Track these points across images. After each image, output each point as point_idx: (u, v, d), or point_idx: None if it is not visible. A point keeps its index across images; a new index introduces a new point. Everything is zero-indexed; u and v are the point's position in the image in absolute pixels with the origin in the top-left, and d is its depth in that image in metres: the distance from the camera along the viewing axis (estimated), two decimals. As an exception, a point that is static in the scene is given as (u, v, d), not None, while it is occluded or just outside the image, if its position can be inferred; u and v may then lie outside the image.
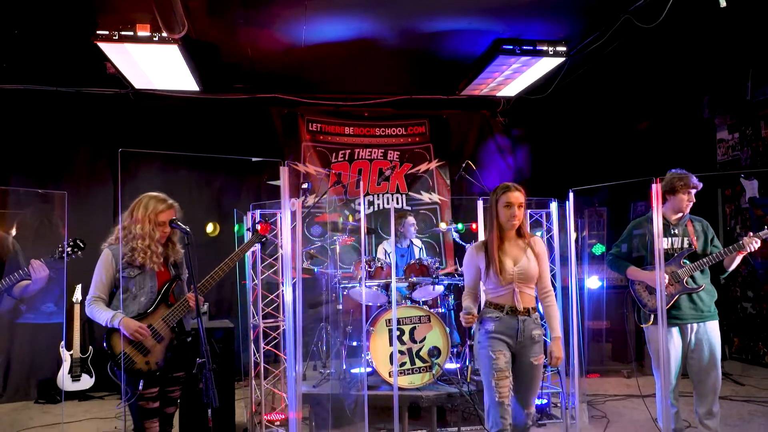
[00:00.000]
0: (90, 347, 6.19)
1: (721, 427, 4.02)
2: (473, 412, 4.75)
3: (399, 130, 7.57)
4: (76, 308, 6.12)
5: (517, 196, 3.14)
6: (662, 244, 3.57)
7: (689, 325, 3.97)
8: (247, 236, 5.03)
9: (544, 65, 5.76)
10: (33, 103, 6.40)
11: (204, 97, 6.76)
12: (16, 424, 5.19)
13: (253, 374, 4.89)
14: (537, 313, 3.20)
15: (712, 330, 3.97)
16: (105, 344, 3.03)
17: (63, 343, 5.97)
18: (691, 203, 4.01)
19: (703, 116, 7.62)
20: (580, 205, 6.93)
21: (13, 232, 5.82)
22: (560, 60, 5.60)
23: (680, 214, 4.05)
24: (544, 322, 3.34)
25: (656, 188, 3.46)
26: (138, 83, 6.14)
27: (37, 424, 5.20)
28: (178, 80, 5.98)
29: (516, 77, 6.16)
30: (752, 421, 4.84)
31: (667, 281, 3.87)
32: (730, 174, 7.17)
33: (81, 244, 3.44)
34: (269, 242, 3.56)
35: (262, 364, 4.78)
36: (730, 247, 3.88)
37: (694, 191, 3.99)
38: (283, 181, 2.98)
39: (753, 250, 3.82)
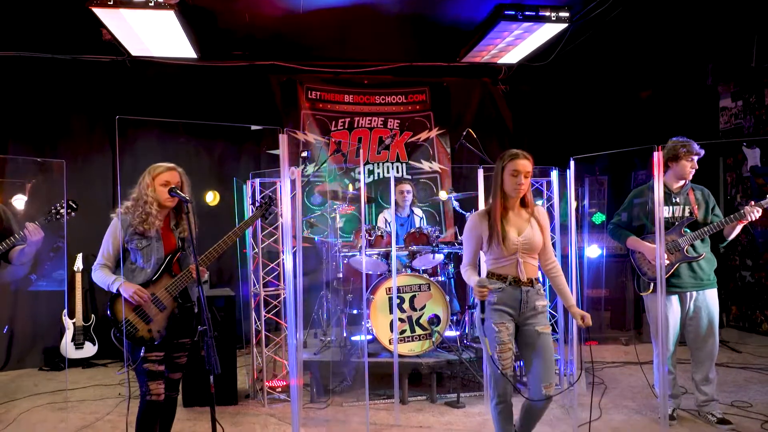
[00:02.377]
0: (92, 315, 6.24)
1: (717, 393, 4.08)
2: (472, 378, 4.81)
3: (399, 98, 7.50)
4: (78, 277, 6.16)
5: (525, 164, 3.01)
6: (663, 212, 3.56)
7: (688, 293, 4.00)
8: (248, 208, 5.04)
9: (547, 31, 5.68)
10: (29, 71, 6.32)
11: (201, 64, 6.68)
12: (21, 391, 5.26)
13: (254, 342, 4.94)
14: (540, 284, 3.11)
15: (710, 298, 4.00)
16: (108, 311, 3.05)
17: (65, 311, 6.02)
18: (694, 170, 4.00)
19: (707, 83, 7.54)
20: (581, 173, 6.92)
21: (14, 200, 5.83)
22: (563, 26, 5.51)
23: (682, 182, 4.04)
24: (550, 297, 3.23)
25: (658, 156, 3.44)
26: (134, 50, 6.05)
27: (42, 390, 5.27)
28: (175, 47, 5.90)
29: (518, 44, 6.08)
30: (748, 387, 4.90)
31: (666, 250, 3.88)
32: (732, 142, 7.13)
33: (74, 205, 3.43)
34: (270, 211, 3.56)
35: (263, 331, 4.82)
36: (731, 216, 3.87)
37: (696, 158, 3.97)
38: (283, 150, 2.96)
39: (754, 219, 3.82)
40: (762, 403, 4.45)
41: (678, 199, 4.03)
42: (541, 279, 3.25)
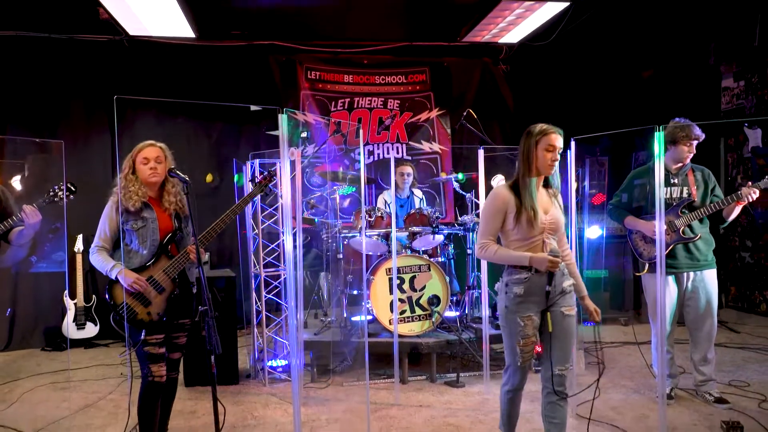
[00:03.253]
0: (93, 296, 6.26)
1: (715, 373, 4.10)
2: (472, 358, 4.84)
3: (399, 78, 7.45)
4: (78, 258, 6.17)
5: (559, 139, 2.86)
6: (663, 194, 3.56)
7: (685, 274, 4.01)
8: (248, 186, 5.03)
9: (548, 10, 5.63)
10: (25, 51, 6.27)
11: (200, 44, 6.63)
12: (24, 371, 5.29)
13: (255, 322, 4.96)
14: (563, 263, 2.92)
15: (708, 278, 4.01)
16: (107, 295, 3.06)
17: (66, 292, 6.04)
18: (692, 154, 3.99)
19: (709, 63, 7.48)
20: (581, 154, 6.88)
21: (13, 181, 5.82)
22: (564, 5, 5.46)
23: (681, 164, 4.03)
24: None
25: (659, 137, 3.42)
26: (132, 29, 6.00)
27: (45, 370, 5.30)
28: (173, 26, 5.85)
29: (519, 23, 6.02)
30: (746, 367, 4.94)
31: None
32: (733, 122, 7.10)
33: (73, 187, 3.43)
34: (269, 192, 3.55)
35: (263, 312, 4.84)
36: (729, 197, 3.87)
37: (695, 142, 3.95)
38: (282, 130, 2.94)
39: (752, 200, 3.82)
40: (759, 382, 4.49)
41: (677, 180, 4.03)
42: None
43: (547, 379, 2.88)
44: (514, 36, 6.49)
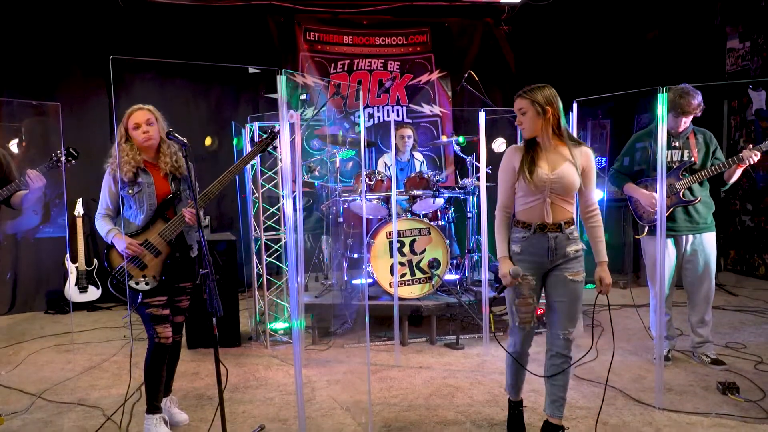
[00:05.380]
0: (95, 260, 6.29)
1: (712, 335, 4.14)
2: (471, 321, 4.89)
3: (399, 39, 7.34)
4: (78, 222, 6.18)
5: (516, 103, 2.85)
6: (665, 157, 3.53)
7: (684, 237, 4.01)
8: (247, 149, 5.00)
9: (552, -31, 5.50)
10: (20, 13, 6.15)
11: (197, 4, 6.51)
12: (28, 333, 5.35)
13: (256, 285, 4.99)
14: (573, 227, 2.85)
15: (707, 241, 4.01)
16: (105, 260, 3.07)
17: (68, 256, 6.07)
18: (681, 125, 3.93)
19: (715, 24, 7.36)
20: (583, 117, 6.83)
21: (11, 144, 5.78)
22: (569, -37, 5.34)
23: (683, 127, 3.99)
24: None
25: (662, 98, 3.37)
26: (127, -11, 5.88)
27: (49, 333, 5.36)
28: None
29: (522, -18, 5.90)
30: (742, 329, 4.98)
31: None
32: (737, 84, 7.01)
33: (75, 153, 3.44)
34: (269, 156, 3.52)
35: (264, 275, 4.87)
36: (730, 159, 3.84)
37: (684, 117, 3.89)
38: (281, 91, 2.90)
39: (752, 163, 3.79)
40: (756, 344, 4.53)
41: (678, 143, 3.99)
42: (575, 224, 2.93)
43: (552, 342, 2.89)
44: (516, -5, 6.37)
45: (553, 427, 2.95)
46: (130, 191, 3.05)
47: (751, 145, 3.79)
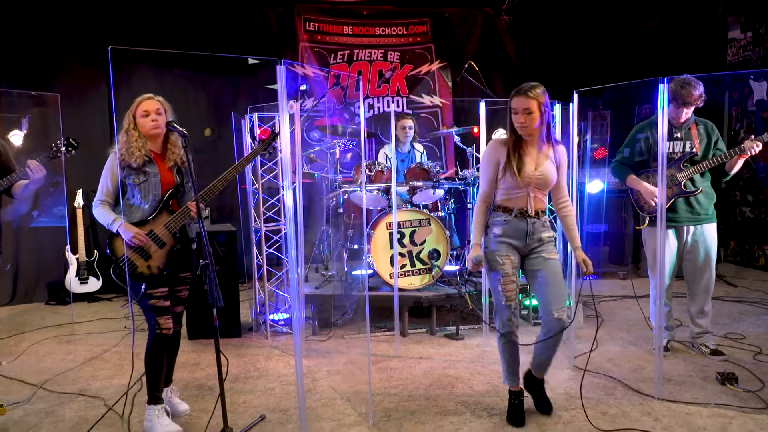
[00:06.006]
0: (95, 251, 6.29)
1: (711, 326, 4.15)
2: (471, 312, 4.89)
3: (399, 30, 7.31)
4: (79, 213, 6.18)
5: (520, 102, 2.91)
6: (666, 147, 3.52)
7: (685, 227, 4.01)
8: (247, 140, 4.99)
9: (553, -42, 5.47)
10: (15, 1, 6.11)
11: (196, -6, 6.48)
12: (29, 324, 5.36)
13: (256, 276, 5.00)
14: (546, 216, 3.12)
15: (708, 232, 4.01)
16: (108, 249, 3.07)
17: (68, 247, 6.07)
18: (683, 116, 3.91)
19: (717, 14, 7.32)
20: (584, 107, 6.81)
21: (10, 135, 5.77)
22: (570, -48, 5.31)
23: (684, 117, 3.97)
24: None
25: (663, 89, 3.36)
26: (126, -21, 5.85)
27: (49, 324, 5.37)
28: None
29: (522, -28, 5.87)
30: (742, 320, 4.99)
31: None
32: (738, 75, 6.99)
33: (74, 143, 3.44)
34: (272, 153, 3.52)
35: (265, 266, 4.87)
36: (731, 150, 3.83)
37: (685, 108, 3.87)
38: (281, 82, 2.89)
39: (754, 153, 3.78)
40: (755, 335, 4.54)
41: (680, 134, 3.98)
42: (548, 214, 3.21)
43: (545, 323, 3.05)
44: (517, -15, 6.33)
45: (534, 379, 3.27)
46: (135, 179, 3.04)
47: (752, 136, 3.78)
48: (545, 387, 3.32)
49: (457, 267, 5.13)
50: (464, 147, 5.46)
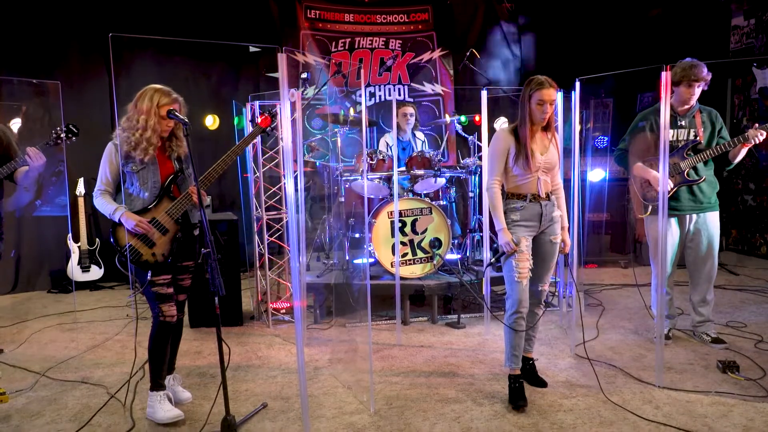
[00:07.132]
0: (97, 239, 6.30)
1: (713, 314, 4.15)
2: (472, 300, 4.90)
3: (401, 17, 7.27)
4: (80, 201, 6.17)
5: (550, 94, 3.13)
6: (668, 135, 3.51)
7: (688, 216, 4.00)
8: (248, 128, 4.98)
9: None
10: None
11: (196, -19, 6.43)
12: (32, 312, 5.38)
13: (258, 265, 5.00)
14: (553, 196, 3.37)
15: (711, 220, 4.00)
16: (111, 238, 3.07)
17: (70, 235, 6.08)
18: (694, 97, 3.89)
19: (720, 0, 7.27)
20: (586, 95, 6.78)
21: (12, 123, 5.76)
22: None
23: (688, 105, 3.95)
24: None
25: (666, 76, 3.34)
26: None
27: (52, 312, 5.39)
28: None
29: (525, -42, 5.82)
30: (743, 308, 5.00)
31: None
32: (741, 63, 6.95)
33: (75, 130, 3.43)
34: (270, 135, 3.50)
35: (266, 255, 4.87)
36: (735, 138, 3.81)
37: (700, 85, 3.85)
38: (282, 70, 2.87)
39: (758, 142, 3.76)
40: (756, 323, 4.55)
41: (684, 122, 3.96)
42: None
43: (531, 293, 3.33)
44: (519, -28, 6.28)
45: (525, 359, 3.49)
46: (134, 167, 3.04)
47: (756, 124, 3.76)
48: (543, 379, 3.49)
49: (459, 255, 5.13)
50: (466, 135, 5.44)
